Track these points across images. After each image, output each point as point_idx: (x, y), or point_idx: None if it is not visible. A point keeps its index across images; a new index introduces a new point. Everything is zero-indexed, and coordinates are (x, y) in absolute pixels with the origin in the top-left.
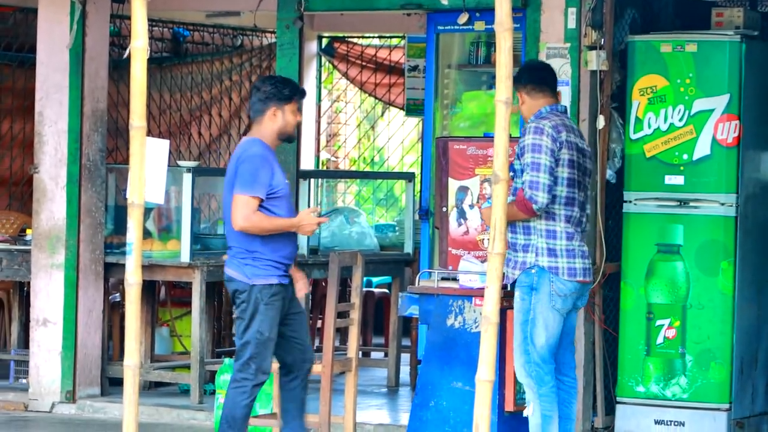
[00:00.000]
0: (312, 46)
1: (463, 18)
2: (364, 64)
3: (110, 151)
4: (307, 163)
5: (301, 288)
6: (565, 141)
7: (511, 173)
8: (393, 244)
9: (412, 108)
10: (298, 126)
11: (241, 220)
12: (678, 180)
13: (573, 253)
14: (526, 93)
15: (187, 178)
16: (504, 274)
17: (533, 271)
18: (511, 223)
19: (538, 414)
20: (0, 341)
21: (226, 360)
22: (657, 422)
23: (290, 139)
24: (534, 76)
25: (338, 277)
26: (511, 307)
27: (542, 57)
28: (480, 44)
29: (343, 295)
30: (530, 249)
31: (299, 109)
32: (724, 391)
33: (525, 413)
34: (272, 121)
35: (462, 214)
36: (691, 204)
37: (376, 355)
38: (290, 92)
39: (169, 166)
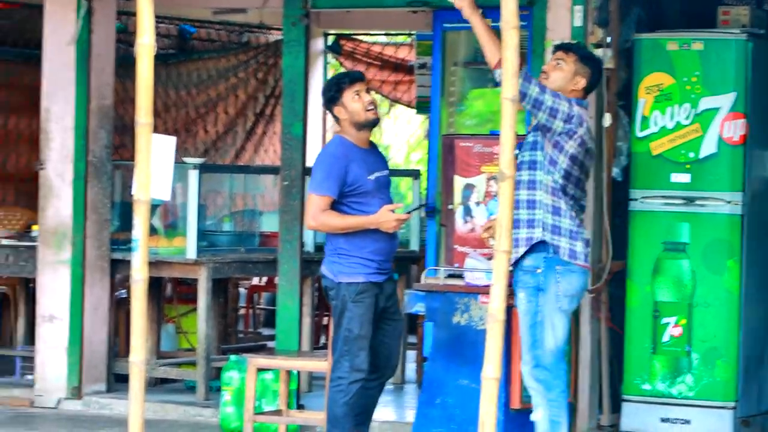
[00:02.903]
0: (318, 44)
1: None
2: (370, 61)
3: (116, 147)
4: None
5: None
6: (587, 126)
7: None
8: (399, 241)
9: (422, 106)
10: (373, 103)
11: (310, 219)
12: (684, 178)
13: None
14: (574, 65)
15: (194, 174)
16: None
17: (539, 271)
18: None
19: (546, 419)
20: (6, 337)
21: (232, 357)
22: (663, 420)
23: (371, 123)
24: (598, 66)
25: None
26: None
27: (548, 55)
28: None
29: None
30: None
31: (360, 92)
32: (730, 389)
33: (532, 417)
34: (343, 116)
35: (468, 212)
36: (698, 202)
37: None
38: (336, 89)
39: (175, 162)
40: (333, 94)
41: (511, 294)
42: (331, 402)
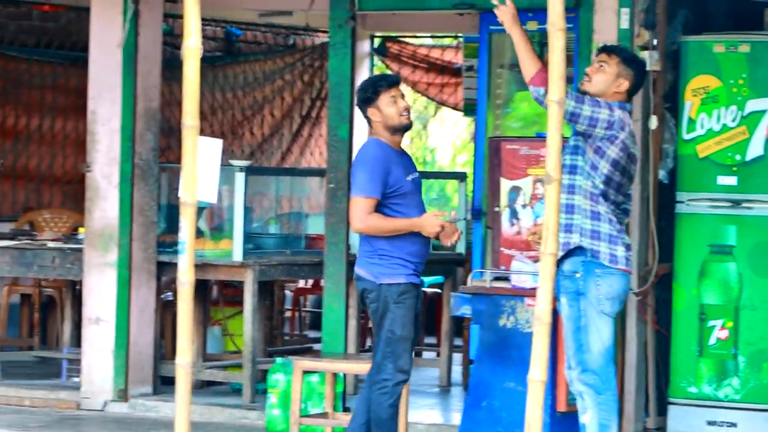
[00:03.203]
0: (364, 46)
1: None
2: (416, 63)
3: (163, 150)
4: None
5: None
6: (629, 130)
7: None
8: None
9: (469, 108)
10: (407, 109)
11: (357, 222)
12: (731, 180)
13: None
14: (617, 67)
15: (240, 177)
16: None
17: (578, 275)
18: None
19: (595, 422)
20: (52, 340)
21: (278, 359)
22: (709, 423)
23: (404, 128)
24: (642, 69)
25: None
26: None
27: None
28: (533, 44)
29: None
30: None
31: (396, 97)
32: None
33: (582, 420)
34: (377, 119)
35: (514, 214)
36: (744, 205)
37: (428, 354)
38: (373, 91)
39: (221, 165)
40: (369, 95)
41: (554, 298)
42: (375, 405)
